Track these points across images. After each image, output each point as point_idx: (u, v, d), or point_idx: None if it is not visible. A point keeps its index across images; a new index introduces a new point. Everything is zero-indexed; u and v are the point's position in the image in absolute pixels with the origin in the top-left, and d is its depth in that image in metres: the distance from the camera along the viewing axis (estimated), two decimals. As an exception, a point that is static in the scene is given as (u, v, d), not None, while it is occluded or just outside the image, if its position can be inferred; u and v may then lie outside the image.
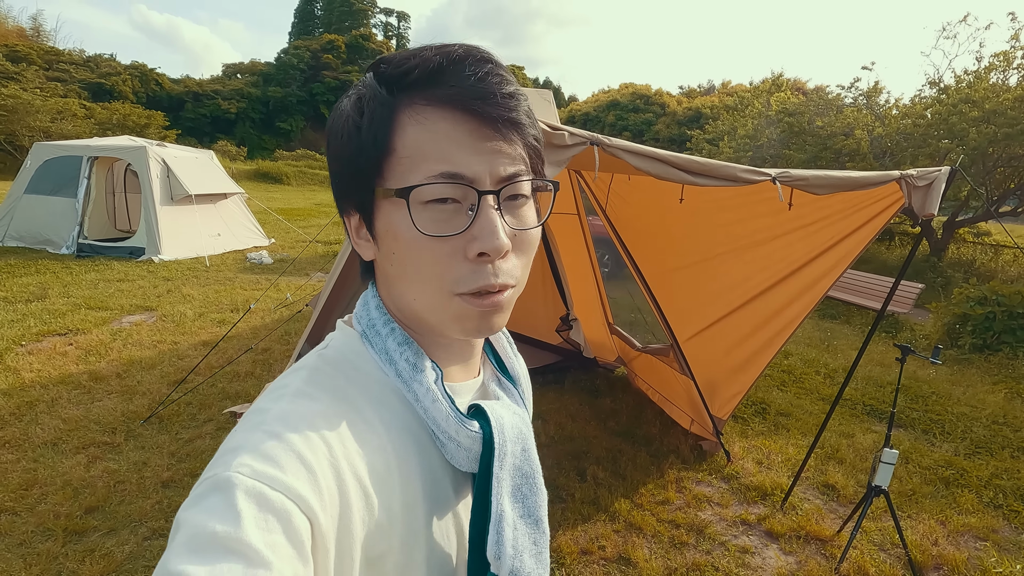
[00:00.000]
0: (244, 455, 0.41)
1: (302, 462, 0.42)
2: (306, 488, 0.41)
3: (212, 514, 0.37)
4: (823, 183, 1.97)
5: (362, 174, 0.48)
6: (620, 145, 1.65)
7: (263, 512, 0.38)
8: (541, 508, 0.56)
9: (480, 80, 0.46)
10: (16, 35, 46.44)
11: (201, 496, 0.39)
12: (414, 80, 0.46)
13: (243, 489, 0.39)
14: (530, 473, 0.56)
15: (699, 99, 39.37)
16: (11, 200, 8.87)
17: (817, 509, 3.07)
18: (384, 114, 0.47)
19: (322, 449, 0.44)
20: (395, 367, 0.51)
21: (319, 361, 0.52)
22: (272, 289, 6.90)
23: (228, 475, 0.39)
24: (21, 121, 23.39)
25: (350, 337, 0.55)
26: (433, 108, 0.46)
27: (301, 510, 0.40)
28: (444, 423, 0.50)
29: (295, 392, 0.48)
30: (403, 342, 0.52)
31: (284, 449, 0.42)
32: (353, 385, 0.51)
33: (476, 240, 0.46)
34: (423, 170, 0.45)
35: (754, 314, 3.14)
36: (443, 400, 0.51)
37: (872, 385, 5.16)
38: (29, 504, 2.57)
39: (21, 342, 4.60)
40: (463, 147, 0.45)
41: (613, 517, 2.87)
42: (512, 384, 0.63)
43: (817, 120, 12.44)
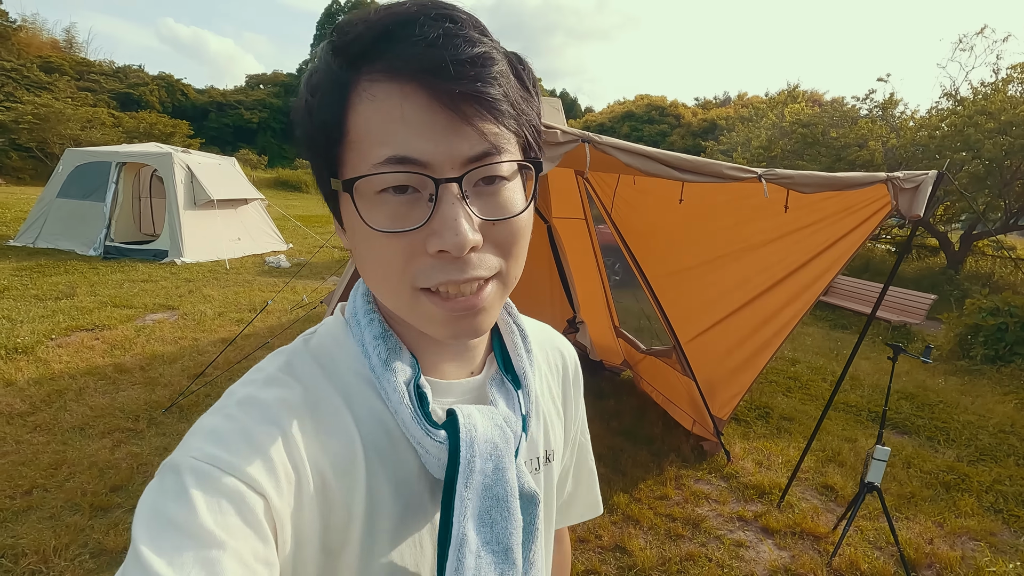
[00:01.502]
0: (199, 439, 0.42)
1: (256, 447, 0.42)
2: (258, 470, 0.41)
3: (166, 496, 0.38)
4: (808, 182, 2.07)
5: (320, 163, 0.44)
6: (610, 143, 1.77)
7: (214, 494, 0.38)
8: (513, 537, 0.48)
9: (431, 44, 0.38)
10: (50, 47, 48.09)
11: (158, 476, 0.40)
12: (362, 49, 0.40)
13: (193, 472, 0.39)
14: (503, 496, 0.48)
15: (714, 110, 39.39)
16: (43, 204, 9.25)
17: (814, 508, 3.12)
18: (334, 92, 0.41)
19: (277, 436, 0.43)
20: (369, 360, 0.49)
21: (301, 346, 0.51)
22: (288, 291, 7.11)
23: (181, 458, 0.40)
24: (52, 129, 24.23)
25: (337, 324, 0.53)
26: (382, 82, 0.39)
27: (254, 490, 0.40)
28: (411, 427, 0.47)
29: (267, 378, 0.47)
30: (379, 335, 0.49)
31: (238, 432, 0.42)
32: (328, 375, 0.49)
33: (435, 235, 0.41)
34: (372, 156, 0.40)
35: (753, 315, 3.22)
36: (407, 402, 0.47)
37: (878, 392, 5.16)
38: (59, 481, 2.74)
39: (51, 336, 4.82)
40: (414, 127, 0.39)
41: (611, 510, 2.95)
42: (515, 386, 0.55)
43: (831, 131, 12.44)
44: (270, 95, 53.19)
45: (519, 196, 0.45)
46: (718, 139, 21.67)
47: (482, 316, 0.45)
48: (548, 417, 0.62)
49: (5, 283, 6.49)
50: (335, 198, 0.46)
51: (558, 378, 0.66)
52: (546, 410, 0.62)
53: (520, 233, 0.45)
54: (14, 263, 7.60)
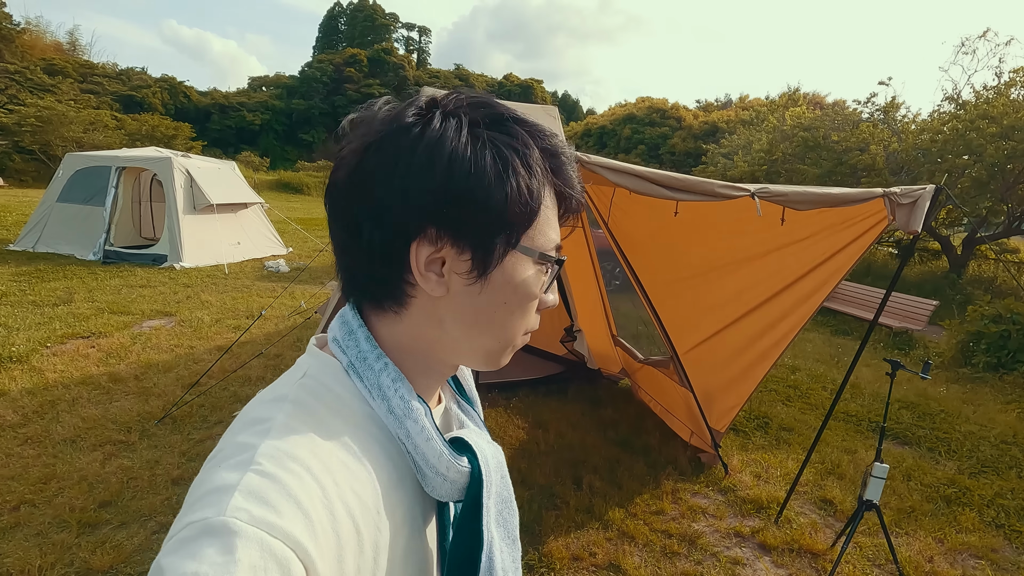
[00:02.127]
0: (239, 497, 0.39)
1: (298, 506, 0.41)
2: (303, 533, 0.40)
3: (204, 562, 0.35)
4: (803, 199, 2.03)
5: (510, 225, 0.50)
6: (599, 163, 1.73)
7: (264, 561, 0.36)
8: (516, 528, 0.61)
9: (574, 170, 0.55)
10: (54, 49, 48.28)
11: (190, 540, 0.37)
12: (559, 161, 0.53)
13: (243, 536, 0.37)
14: (508, 498, 0.60)
15: (716, 113, 39.28)
16: (44, 208, 9.25)
17: (812, 523, 3.08)
18: (543, 184, 0.51)
19: (316, 490, 0.43)
20: (388, 403, 0.51)
21: (301, 392, 0.51)
22: (287, 296, 7.09)
23: (223, 520, 0.37)
24: (55, 132, 24.29)
25: (330, 367, 0.54)
26: (550, 187, 0.53)
27: (299, 557, 0.39)
28: (435, 461, 0.51)
29: (281, 427, 0.46)
30: (397, 379, 0.52)
31: (279, 492, 0.40)
32: (337, 418, 0.50)
33: (547, 298, 0.55)
34: (545, 239, 0.52)
35: (750, 327, 3.19)
36: (436, 439, 0.51)
37: (879, 401, 5.12)
38: (47, 497, 2.71)
39: (47, 344, 4.80)
40: (556, 224, 0.55)
41: (606, 525, 2.92)
42: (471, 405, 0.66)
43: (833, 135, 12.39)
44: (272, 97, 53.33)
45: None
46: (719, 142, 21.61)
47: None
48: None
49: (3, 288, 6.48)
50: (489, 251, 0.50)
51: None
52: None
53: None
54: (13, 268, 7.59)
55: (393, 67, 59.38)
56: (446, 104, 0.50)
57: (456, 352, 0.54)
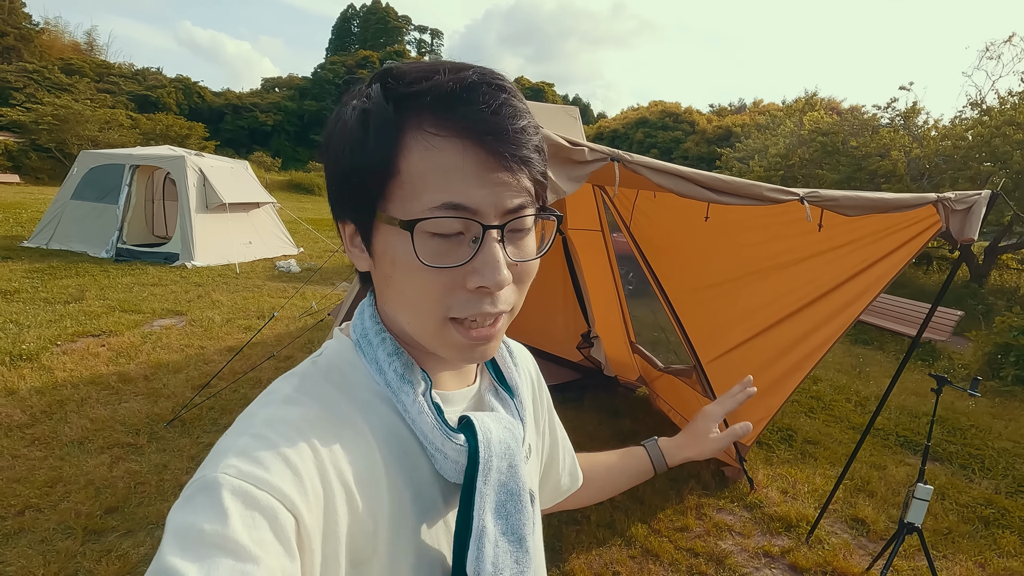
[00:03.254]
0: (231, 457, 0.42)
1: (287, 463, 0.43)
2: (291, 488, 0.42)
3: (200, 513, 0.38)
4: (855, 204, 1.91)
5: (363, 193, 0.47)
6: (641, 161, 1.62)
7: (249, 510, 0.39)
8: (525, 527, 0.55)
9: (494, 113, 0.44)
10: (71, 49, 48.98)
11: (189, 498, 0.40)
12: (426, 104, 0.44)
13: (229, 488, 0.40)
14: (516, 491, 0.55)
15: (729, 117, 39.02)
16: (58, 205, 9.27)
17: (845, 544, 2.94)
18: (391, 135, 0.45)
19: (307, 452, 0.44)
20: (384, 377, 0.52)
21: (311, 368, 0.53)
22: (298, 297, 7.02)
23: (215, 475, 0.40)
24: (71, 130, 24.57)
25: (344, 345, 0.56)
26: (442, 135, 0.44)
27: (286, 508, 0.41)
28: (431, 434, 0.51)
29: (284, 398, 0.49)
30: (393, 352, 0.52)
31: (269, 450, 0.43)
32: (343, 392, 0.51)
33: (476, 273, 0.46)
34: (426, 199, 0.44)
35: (780, 338, 3.05)
36: (428, 412, 0.51)
37: (906, 415, 4.95)
38: (53, 501, 2.63)
39: (57, 342, 4.75)
40: (469, 178, 0.44)
41: (629, 542, 2.79)
42: (509, 395, 0.62)
43: (852, 140, 12.19)
44: (285, 98, 53.69)
45: (534, 244, 0.52)
46: (734, 146, 21.40)
47: (493, 343, 0.51)
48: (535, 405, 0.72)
49: (16, 285, 6.47)
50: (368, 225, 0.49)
51: (529, 386, 0.72)
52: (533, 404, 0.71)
53: (532, 275, 0.52)
54: (27, 264, 7.59)
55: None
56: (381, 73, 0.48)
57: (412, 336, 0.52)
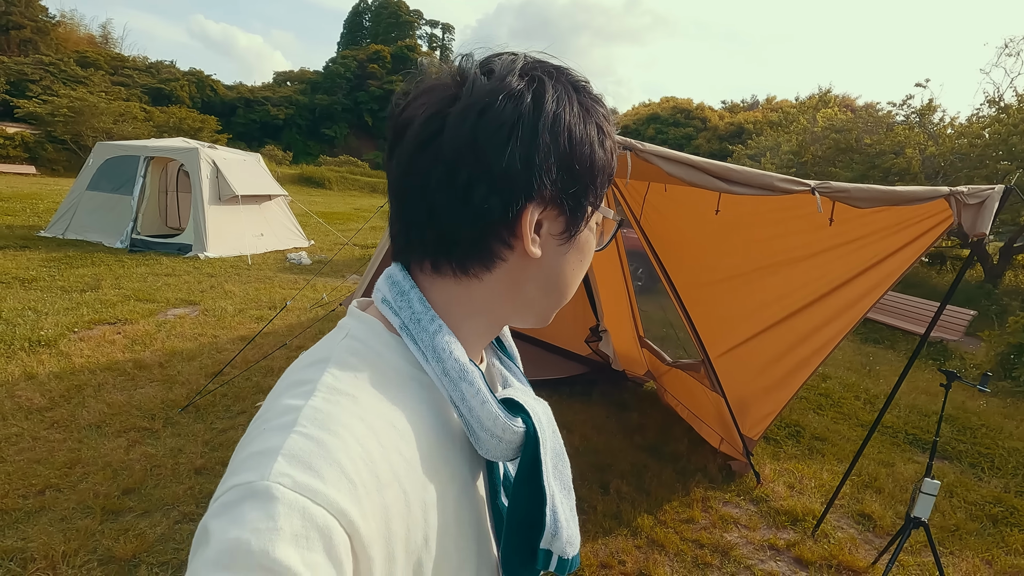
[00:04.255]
0: (282, 461, 0.38)
1: (343, 471, 0.40)
2: (347, 501, 0.39)
3: (247, 527, 0.35)
4: (866, 196, 1.91)
5: (595, 186, 0.53)
6: (654, 151, 1.64)
7: (306, 528, 0.36)
8: (570, 477, 0.60)
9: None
10: (87, 42, 49.42)
11: (234, 504, 0.37)
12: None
13: (285, 502, 0.36)
14: (560, 451, 0.59)
15: (742, 114, 38.66)
16: (74, 196, 9.40)
17: (851, 539, 2.95)
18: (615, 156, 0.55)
19: (360, 453, 0.42)
20: (443, 365, 0.50)
21: (343, 353, 0.50)
22: (309, 289, 7.09)
23: (267, 485, 0.37)
24: (86, 122, 24.83)
25: (373, 327, 0.53)
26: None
27: (342, 525, 0.38)
28: (491, 424, 0.51)
29: (326, 387, 0.45)
30: (451, 341, 0.51)
31: (323, 457, 0.40)
32: (383, 378, 0.49)
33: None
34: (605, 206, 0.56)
35: (789, 333, 3.05)
36: (491, 402, 0.51)
37: (916, 413, 4.93)
38: (72, 482, 2.70)
39: (74, 329, 4.85)
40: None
41: (635, 532, 2.82)
42: (511, 360, 0.66)
43: (866, 138, 12.07)
44: (297, 92, 53.83)
45: None
46: (746, 143, 21.23)
47: None
48: None
49: (34, 273, 6.58)
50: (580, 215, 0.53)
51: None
52: None
53: None
54: (44, 254, 7.72)
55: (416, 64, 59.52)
56: (547, 70, 0.51)
57: (524, 313, 0.55)
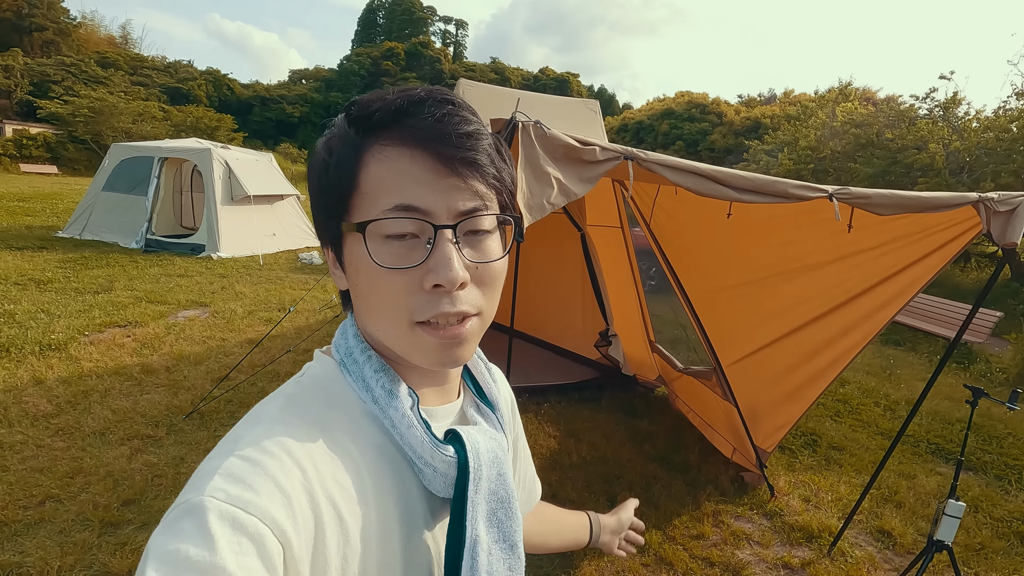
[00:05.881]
0: (218, 479, 0.41)
1: (276, 486, 0.42)
2: (280, 512, 0.41)
3: (185, 538, 0.37)
4: (888, 203, 1.79)
5: (330, 210, 0.50)
6: (657, 160, 1.54)
7: (237, 535, 0.38)
8: (517, 533, 0.57)
9: (438, 120, 0.47)
10: (107, 43, 50.27)
11: (174, 521, 0.39)
12: (377, 120, 0.48)
13: (216, 513, 0.39)
14: (506, 498, 0.56)
15: (758, 108, 37.99)
16: (90, 197, 9.52)
17: (870, 558, 2.82)
18: (349, 153, 0.49)
19: (296, 474, 0.44)
20: (372, 393, 0.52)
21: (295, 388, 0.53)
22: (319, 290, 7.08)
23: (201, 499, 0.39)
24: (106, 122, 25.27)
25: (327, 365, 0.56)
26: (394, 146, 0.47)
27: (274, 534, 0.40)
28: (419, 448, 0.51)
29: (270, 419, 0.48)
30: (379, 369, 0.53)
31: (258, 473, 0.42)
32: (329, 411, 0.51)
33: (431, 272, 0.47)
34: (380, 204, 0.47)
35: (805, 342, 2.93)
36: (418, 426, 0.51)
37: (938, 421, 4.76)
38: (73, 492, 2.68)
39: (85, 332, 4.87)
40: (420, 183, 0.47)
41: (642, 549, 2.73)
42: (491, 409, 0.63)
43: (887, 132, 11.75)
44: (311, 90, 54.24)
45: (498, 246, 0.52)
46: (762, 138, 20.84)
47: (465, 346, 0.51)
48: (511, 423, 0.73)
49: (50, 275, 6.66)
50: (339, 242, 0.51)
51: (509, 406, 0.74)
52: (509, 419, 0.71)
53: (498, 276, 0.53)
54: (60, 254, 7.81)
55: (429, 61, 59.67)
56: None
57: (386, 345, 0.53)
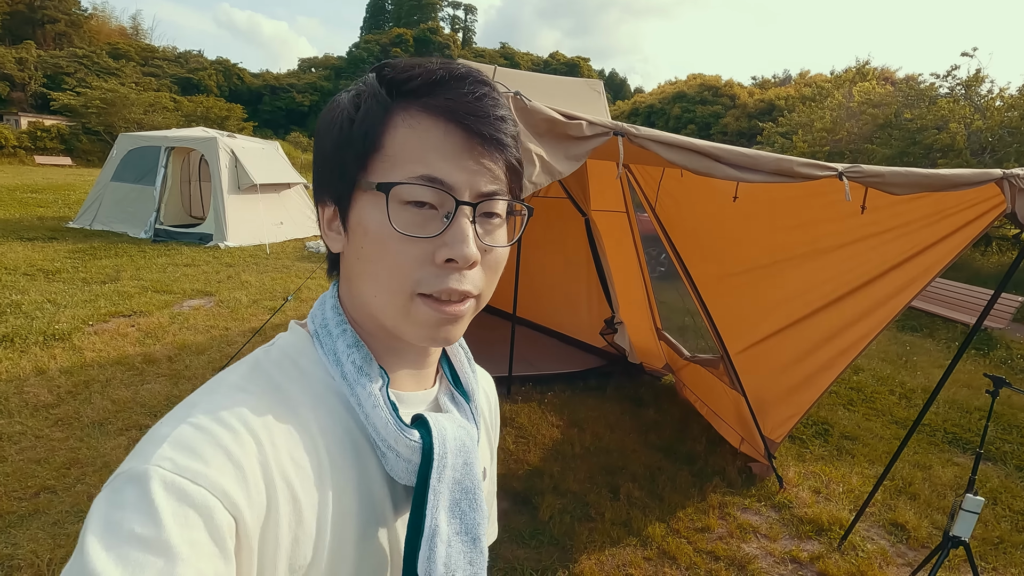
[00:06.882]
0: (166, 447, 0.39)
1: (228, 457, 0.40)
2: (231, 484, 0.39)
3: (128, 508, 0.36)
4: (903, 181, 1.67)
5: (345, 165, 0.48)
6: (649, 135, 1.44)
7: (183, 507, 0.36)
8: (480, 526, 0.55)
9: (477, 99, 0.47)
10: (118, 34, 50.52)
11: (117, 489, 0.37)
12: (414, 87, 0.47)
13: (161, 482, 0.37)
14: (471, 488, 0.54)
15: (773, 90, 37.15)
16: (99, 187, 9.56)
17: (882, 552, 2.73)
18: (379, 112, 0.47)
19: (251, 445, 0.42)
20: (341, 368, 0.50)
21: (262, 357, 0.51)
22: (322, 278, 7.04)
23: (146, 468, 0.37)
24: (118, 113, 25.41)
25: (298, 337, 0.54)
26: (427, 115, 0.47)
27: (224, 506, 0.38)
28: (384, 431, 0.49)
29: (230, 386, 0.46)
30: (353, 344, 0.51)
31: (210, 442, 0.40)
32: (293, 384, 0.49)
33: (446, 246, 0.46)
34: (406, 170, 0.46)
35: (815, 330, 2.82)
36: (384, 407, 0.49)
37: (956, 410, 4.62)
38: (68, 484, 2.67)
39: (89, 322, 4.88)
40: (448, 157, 0.46)
41: (645, 542, 2.66)
42: (465, 399, 0.61)
43: (906, 112, 11.39)
44: (321, 78, 54.15)
45: (505, 234, 0.53)
46: (777, 121, 20.39)
47: (459, 325, 0.50)
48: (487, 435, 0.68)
49: (59, 265, 6.69)
50: (346, 200, 0.49)
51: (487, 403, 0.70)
52: (486, 427, 0.68)
53: (502, 263, 0.53)
54: (70, 245, 7.86)
55: (439, 47, 59.19)
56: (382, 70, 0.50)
57: (378, 315, 0.50)
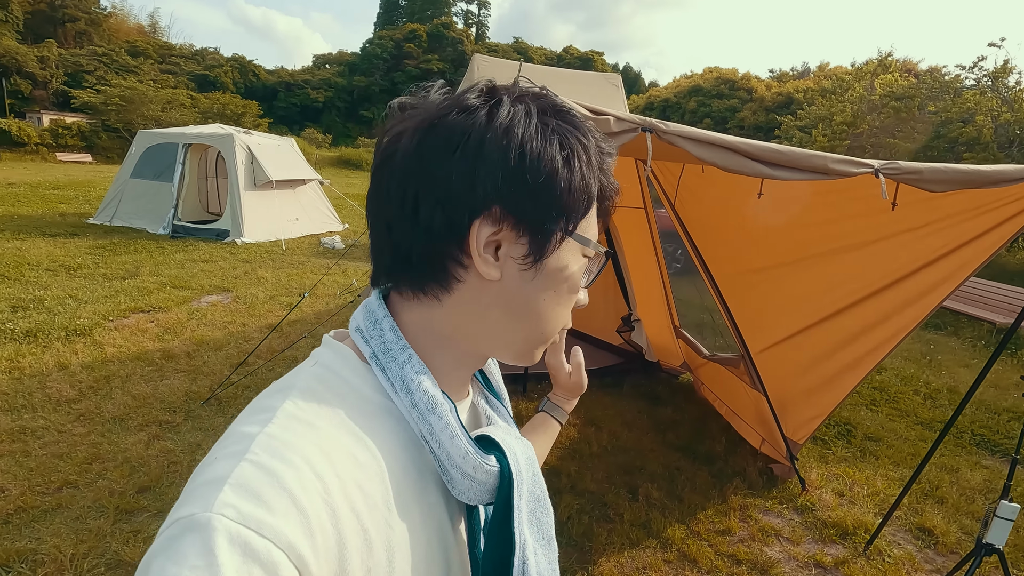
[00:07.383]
0: (228, 491, 0.36)
1: (293, 501, 0.38)
2: (297, 533, 0.37)
3: (186, 564, 0.33)
4: (941, 178, 1.60)
5: (562, 210, 0.48)
6: (679, 131, 1.39)
7: (247, 563, 0.34)
8: (552, 527, 0.57)
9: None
10: (136, 32, 51.19)
11: (176, 538, 0.35)
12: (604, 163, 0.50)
13: (225, 534, 0.34)
14: (541, 496, 0.56)
15: (791, 83, 36.51)
16: (119, 184, 9.69)
17: (909, 557, 2.66)
18: (602, 175, 0.50)
19: (315, 485, 0.40)
20: (411, 397, 0.48)
21: (311, 380, 0.48)
22: (339, 274, 7.07)
23: (208, 516, 0.35)
24: (137, 110, 25.78)
25: (345, 356, 0.51)
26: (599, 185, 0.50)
27: (290, 560, 0.36)
28: (460, 460, 0.48)
29: (285, 415, 0.43)
30: (420, 371, 0.49)
31: (273, 485, 0.38)
32: (350, 409, 0.47)
33: (582, 297, 0.53)
34: (591, 233, 0.51)
35: (840, 329, 2.75)
36: (461, 436, 0.48)
37: (984, 411, 4.50)
38: (90, 479, 2.70)
39: (110, 317, 4.94)
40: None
41: (665, 545, 2.62)
42: (499, 400, 0.63)
43: (930, 105, 11.12)
44: (335, 74, 54.37)
45: None
46: (795, 114, 20.04)
47: None
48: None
49: (80, 261, 6.80)
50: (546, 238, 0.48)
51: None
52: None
53: None
54: (91, 241, 7.98)
55: (452, 42, 59.08)
56: (512, 91, 0.49)
57: (493, 343, 0.52)
